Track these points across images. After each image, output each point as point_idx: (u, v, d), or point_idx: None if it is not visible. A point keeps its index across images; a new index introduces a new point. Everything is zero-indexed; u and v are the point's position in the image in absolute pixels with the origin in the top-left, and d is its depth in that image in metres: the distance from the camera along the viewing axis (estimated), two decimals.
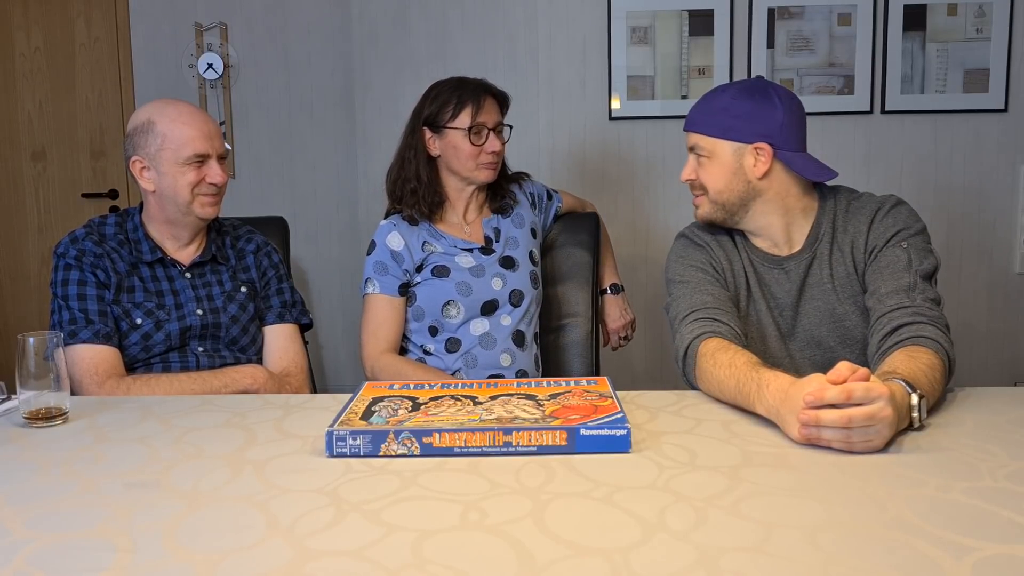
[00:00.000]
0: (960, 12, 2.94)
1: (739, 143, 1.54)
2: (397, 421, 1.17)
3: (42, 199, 3.49)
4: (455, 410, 1.23)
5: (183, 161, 1.68)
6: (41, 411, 1.32)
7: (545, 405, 1.24)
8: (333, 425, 1.16)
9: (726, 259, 1.64)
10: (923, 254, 1.48)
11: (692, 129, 1.60)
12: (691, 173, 1.61)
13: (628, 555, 0.83)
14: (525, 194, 2.12)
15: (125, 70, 3.42)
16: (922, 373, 1.22)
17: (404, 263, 1.95)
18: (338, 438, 1.13)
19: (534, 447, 1.12)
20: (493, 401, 1.28)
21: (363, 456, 1.13)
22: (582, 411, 1.20)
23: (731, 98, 1.55)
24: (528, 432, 1.12)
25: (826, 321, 1.56)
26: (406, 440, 1.13)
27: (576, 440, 1.12)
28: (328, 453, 1.14)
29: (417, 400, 1.29)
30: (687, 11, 3.02)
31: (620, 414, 1.18)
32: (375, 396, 1.31)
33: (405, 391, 1.35)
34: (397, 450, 1.13)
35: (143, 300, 1.71)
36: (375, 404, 1.27)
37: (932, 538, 0.85)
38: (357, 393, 1.34)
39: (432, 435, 1.12)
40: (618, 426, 1.13)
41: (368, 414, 1.21)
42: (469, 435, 1.13)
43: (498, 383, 1.40)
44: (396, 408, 1.24)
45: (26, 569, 0.83)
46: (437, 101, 1.96)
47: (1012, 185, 3.01)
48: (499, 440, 1.12)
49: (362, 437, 1.13)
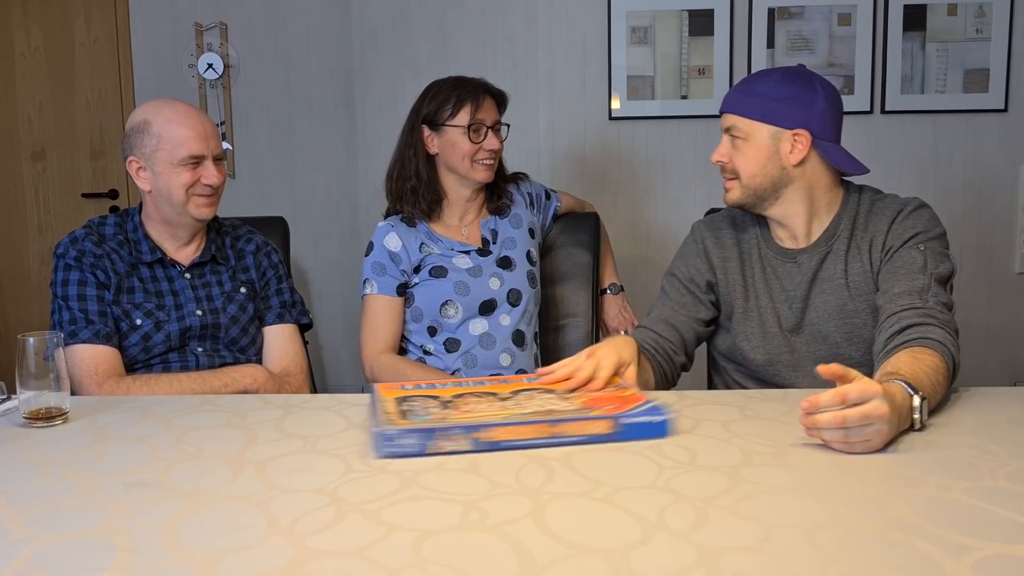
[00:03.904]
0: (960, 12, 2.94)
1: (777, 127, 1.53)
2: (440, 418, 1.16)
3: (42, 199, 3.49)
4: (486, 406, 1.22)
5: (178, 162, 1.68)
6: (41, 411, 1.32)
7: (571, 398, 1.26)
8: (378, 426, 1.13)
9: (722, 257, 1.65)
10: (940, 258, 1.48)
11: (730, 110, 1.57)
12: (724, 155, 1.59)
13: (628, 555, 0.83)
14: (523, 194, 2.12)
15: (125, 70, 3.41)
16: (925, 375, 1.22)
17: (402, 264, 1.95)
18: (386, 438, 1.11)
19: (581, 436, 1.14)
20: (517, 396, 1.27)
21: (412, 456, 1.11)
22: (614, 401, 1.23)
23: (774, 82, 1.55)
24: (575, 423, 1.14)
25: (835, 317, 1.56)
26: (456, 436, 1.11)
27: (620, 428, 1.15)
28: (377, 454, 1.11)
29: (441, 398, 1.27)
30: (687, 11, 3.02)
31: (654, 402, 1.22)
32: (398, 396, 1.29)
33: (423, 391, 1.33)
34: (446, 447, 1.11)
35: (143, 301, 1.71)
36: (403, 404, 1.24)
37: (932, 538, 0.85)
38: (375, 394, 1.31)
39: (482, 430, 1.12)
40: (657, 413, 1.18)
41: (402, 415, 1.19)
42: (518, 428, 1.13)
43: (510, 379, 1.40)
44: (427, 407, 1.22)
45: (26, 569, 0.83)
46: (436, 99, 1.97)
47: (1012, 185, 3.01)
48: (546, 432, 1.13)
49: (412, 436, 1.11)
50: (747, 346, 1.63)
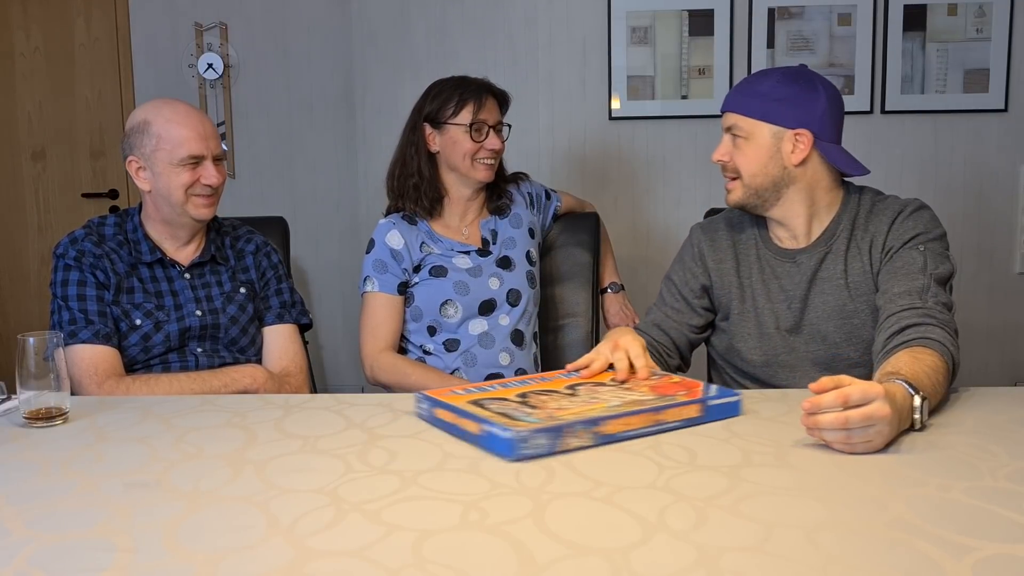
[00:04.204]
0: (960, 12, 2.94)
1: (779, 127, 1.53)
2: (546, 416, 1.16)
3: (42, 199, 3.49)
4: (567, 402, 1.23)
5: (177, 162, 1.68)
6: (41, 411, 1.32)
7: (633, 388, 1.31)
8: (499, 429, 1.11)
9: (716, 260, 1.65)
10: (939, 259, 1.48)
11: (732, 109, 1.57)
12: (725, 154, 1.59)
13: (628, 555, 0.83)
14: (523, 194, 2.12)
15: (125, 70, 3.41)
16: (925, 375, 1.22)
17: (403, 262, 1.95)
18: (520, 439, 1.09)
19: (678, 422, 1.20)
20: (578, 391, 1.30)
21: (544, 456, 1.10)
22: (682, 387, 1.30)
23: (775, 82, 1.55)
24: (674, 409, 1.19)
25: (834, 316, 1.56)
26: (580, 432, 1.13)
27: (706, 410, 1.22)
28: (510, 456, 1.09)
29: (512, 399, 1.26)
30: (687, 11, 3.02)
31: (715, 384, 1.31)
32: (473, 400, 1.25)
33: (487, 393, 1.30)
34: (572, 443, 1.12)
35: (142, 301, 1.71)
36: (489, 407, 1.21)
37: (932, 538, 0.85)
38: (440, 401, 1.25)
39: (601, 424, 1.14)
40: (730, 394, 1.27)
41: (505, 416, 1.16)
42: (630, 419, 1.16)
43: (548, 375, 1.42)
44: (520, 408, 1.20)
45: (26, 569, 0.83)
46: (439, 98, 1.97)
47: (1012, 185, 3.01)
48: (652, 420, 1.18)
49: (543, 436, 1.11)
50: (744, 347, 1.63)
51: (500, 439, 1.10)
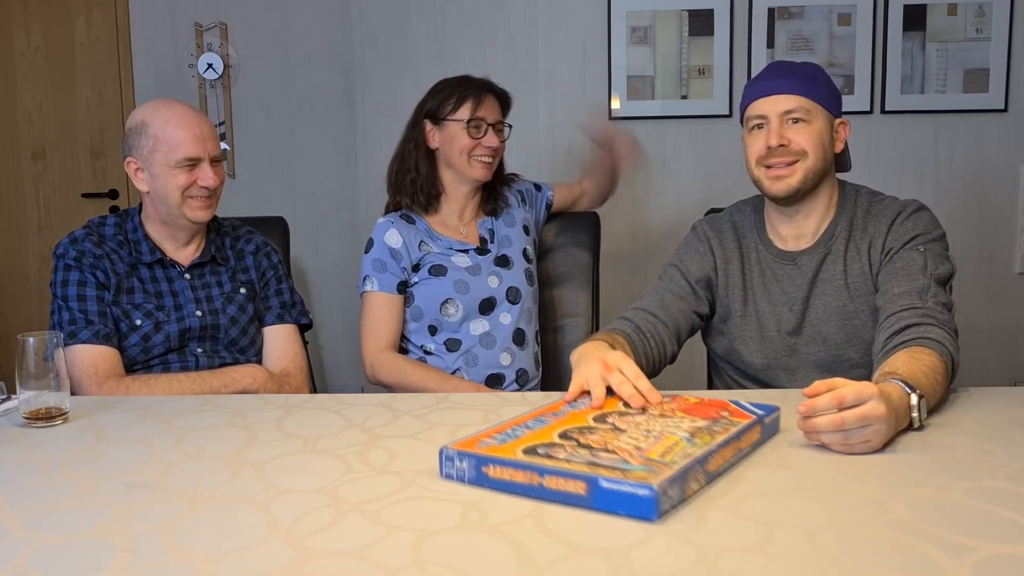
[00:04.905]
0: (960, 12, 2.94)
1: (831, 114, 1.56)
2: (642, 460, 0.99)
3: (42, 199, 3.49)
4: (629, 439, 1.07)
5: (174, 164, 1.68)
6: (41, 411, 1.32)
7: (676, 412, 1.19)
8: (623, 485, 0.91)
9: (724, 259, 1.65)
10: (940, 259, 1.48)
11: (795, 92, 1.53)
12: (781, 138, 1.52)
13: (628, 555, 0.83)
14: (514, 193, 2.13)
15: (125, 70, 3.42)
16: (923, 374, 1.22)
17: (402, 261, 1.95)
18: (663, 493, 0.91)
19: (750, 447, 1.13)
20: (619, 421, 1.15)
21: (677, 505, 0.94)
22: (713, 406, 1.22)
23: (816, 70, 1.57)
24: (746, 434, 1.12)
25: (835, 318, 1.56)
26: (699, 474, 0.99)
27: (763, 431, 1.17)
28: (654, 518, 0.90)
29: (565, 439, 1.07)
30: (687, 11, 3.02)
31: (747, 402, 1.24)
32: (526, 447, 1.04)
33: (517, 439, 1.07)
34: (693, 488, 0.98)
35: (142, 301, 1.71)
36: (572, 457, 1.01)
37: (932, 538, 0.85)
38: (478, 466, 1.02)
39: (707, 461, 1.01)
40: (772, 410, 1.20)
41: (607, 469, 0.96)
42: (724, 451, 1.06)
43: (559, 409, 1.22)
44: (586, 455, 1.01)
45: (26, 569, 0.83)
46: (440, 95, 1.99)
47: (1012, 185, 3.01)
48: (736, 449, 1.09)
49: (674, 485, 0.93)
50: (745, 349, 1.63)
51: (638, 498, 0.90)
